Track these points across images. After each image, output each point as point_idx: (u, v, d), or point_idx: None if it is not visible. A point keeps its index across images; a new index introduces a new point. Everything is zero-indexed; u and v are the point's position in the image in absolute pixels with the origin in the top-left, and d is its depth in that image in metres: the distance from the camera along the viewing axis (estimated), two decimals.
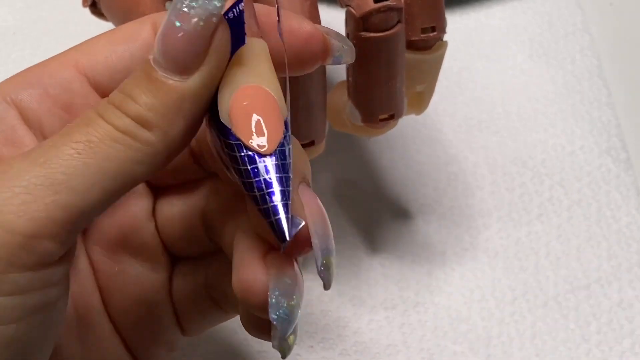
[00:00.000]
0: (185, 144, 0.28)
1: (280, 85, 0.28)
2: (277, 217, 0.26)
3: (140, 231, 0.33)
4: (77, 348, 0.31)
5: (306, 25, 0.30)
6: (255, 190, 0.26)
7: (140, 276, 0.33)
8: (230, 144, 0.27)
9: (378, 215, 0.49)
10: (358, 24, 0.35)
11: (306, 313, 0.44)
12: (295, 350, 0.42)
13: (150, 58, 0.27)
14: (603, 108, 0.54)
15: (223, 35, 0.27)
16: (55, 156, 0.25)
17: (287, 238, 0.26)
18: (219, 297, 0.34)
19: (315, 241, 0.28)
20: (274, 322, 0.27)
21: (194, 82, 0.27)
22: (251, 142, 0.27)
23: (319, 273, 0.28)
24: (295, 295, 0.28)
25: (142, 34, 0.31)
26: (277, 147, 0.27)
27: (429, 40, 0.38)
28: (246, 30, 0.28)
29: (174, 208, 0.34)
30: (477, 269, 0.47)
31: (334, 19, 0.40)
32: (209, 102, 0.28)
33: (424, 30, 0.37)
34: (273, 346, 0.28)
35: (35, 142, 0.29)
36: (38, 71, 0.30)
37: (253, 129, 0.27)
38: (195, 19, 0.26)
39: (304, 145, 0.37)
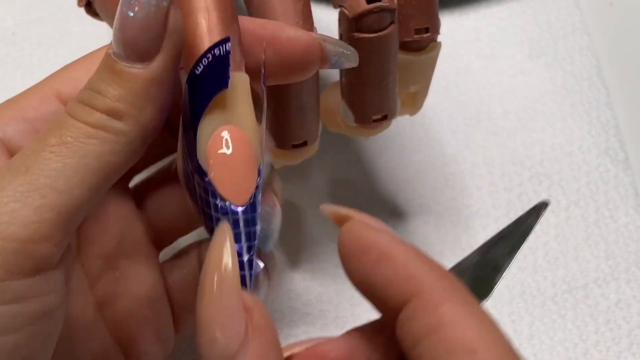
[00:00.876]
0: (158, 128, 0.29)
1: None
2: (242, 272, 0.28)
3: (132, 232, 0.34)
4: None
5: (302, 35, 0.31)
6: None
7: (139, 275, 0.34)
8: (204, 187, 0.28)
9: (375, 215, 0.48)
10: (351, 24, 0.35)
11: (304, 313, 0.44)
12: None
13: (110, 52, 0.28)
14: (602, 108, 0.54)
15: (176, 17, 0.28)
16: (35, 162, 0.26)
17: (247, 288, 0.28)
18: None
19: None
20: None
21: (156, 66, 0.28)
22: (224, 193, 0.28)
23: None
24: None
25: None
26: (249, 199, 0.28)
27: (422, 41, 0.38)
28: (230, 61, 0.28)
29: (164, 197, 0.35)
30: None
31: (324, 17, 0.40)
32: (173, 83, 0.29)
33: (417, 31, 0.37)
34: None
35: None
36: (20, 104, 0.31)
37: (228, 179, 0.28)
38: (147, 6, 0.27)
39: (296, 146, 0.37)
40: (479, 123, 0.53)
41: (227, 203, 0.28)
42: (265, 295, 0.31)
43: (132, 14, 0.27)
